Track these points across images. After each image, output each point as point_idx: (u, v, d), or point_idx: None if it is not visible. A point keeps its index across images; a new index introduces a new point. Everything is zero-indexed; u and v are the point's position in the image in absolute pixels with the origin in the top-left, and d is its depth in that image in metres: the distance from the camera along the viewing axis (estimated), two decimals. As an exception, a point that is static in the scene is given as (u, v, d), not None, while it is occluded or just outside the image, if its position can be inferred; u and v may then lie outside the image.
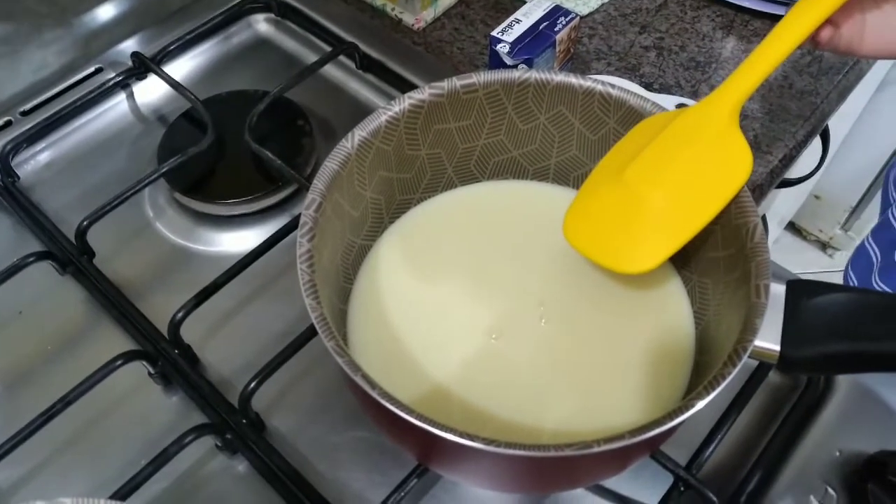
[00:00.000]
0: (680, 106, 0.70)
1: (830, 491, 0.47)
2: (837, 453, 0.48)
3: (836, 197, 1.44)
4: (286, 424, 0.52)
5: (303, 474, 0.49)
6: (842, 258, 1.51)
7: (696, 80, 0.76)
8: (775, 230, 1.43)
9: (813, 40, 0.44)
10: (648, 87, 0.75)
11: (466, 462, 0.40)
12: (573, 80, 0.48)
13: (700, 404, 0.35)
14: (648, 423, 0.35)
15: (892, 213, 0.79)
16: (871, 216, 1.44)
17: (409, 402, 0.45)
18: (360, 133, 0.46)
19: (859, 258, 0.84)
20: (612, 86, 0.48)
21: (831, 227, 1.51)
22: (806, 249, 1.57)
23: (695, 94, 0.74)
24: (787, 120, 0.73)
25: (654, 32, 0.80)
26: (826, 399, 0.50)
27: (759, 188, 0.69)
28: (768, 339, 0.39)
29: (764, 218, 1.03)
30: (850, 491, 0.46)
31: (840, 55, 0.49)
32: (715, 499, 0.45)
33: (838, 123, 1.05)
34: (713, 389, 0.36)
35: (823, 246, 1.56)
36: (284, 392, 0.54)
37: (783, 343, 0.39)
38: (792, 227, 1.57)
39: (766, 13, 0.80)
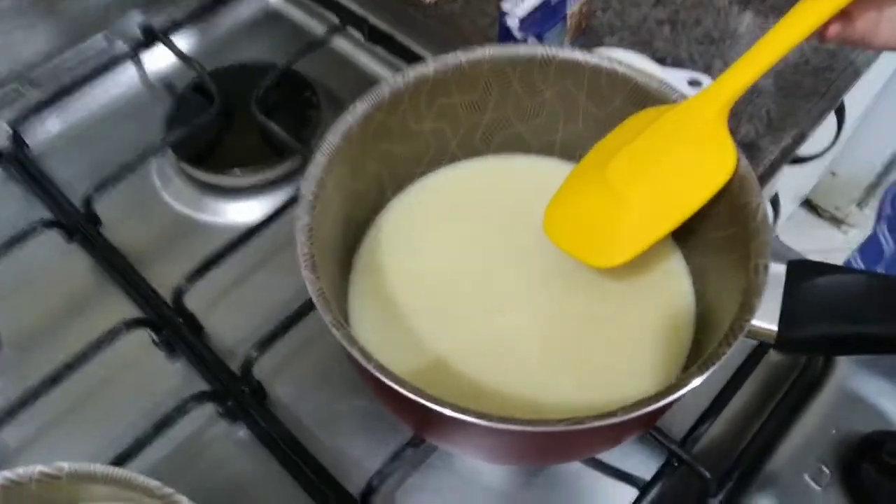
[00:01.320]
0: (692, 82, 0.69)
1: (825, 469, 0.47)
2: (833, 432, 0.48)
3: (853, 174, 1.42)
4: (287, 393, 0.53)
5: (302, 442, 0.50)
6: (857, 235, 1.49)
7: (709, 54, 0.75)
8: (789, 206, 1.42)
9: (820, 35, 0.43)
10: (661, 61, 0.74)
11: (461, 435, 0.40)
12: (579, 56, 0.48)
13: (693, 383, 0.35)
14: (640, 400, 0.35)
15: (881, 229, 0.79)
16: (888, 196, 1.42)
17: (407, 375, 0.45)
18: (362, 106, 0.46)
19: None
20: (619, 63, 0.47)
21: (847, 205, 1.50)
22: (821, 226, 1.55)
23: (708, 69, 0.73)
24: (801, 96, 0.71)
25: (668, 5, 0.79)
26: (824, 379, 0.50)
27: (771, 165, 0.69)
28: (766, 319, 0.39)
29: (776, 196, 1.02)
30: (845, 470, 0.47)
31: (850, 46, 0.47)
32: (707, 475, 0.45)
33: (856, 100, 1.03)
34: (707, 369, 0.36)
35: (839, 223, 1.55)
36: (287, 361, 0.54)
37: (781, 323, 0.39)
38: (807, 203, 1.55)
39: (783, -13, 0.79)
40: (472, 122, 0.52)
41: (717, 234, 0.45)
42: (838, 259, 1.03)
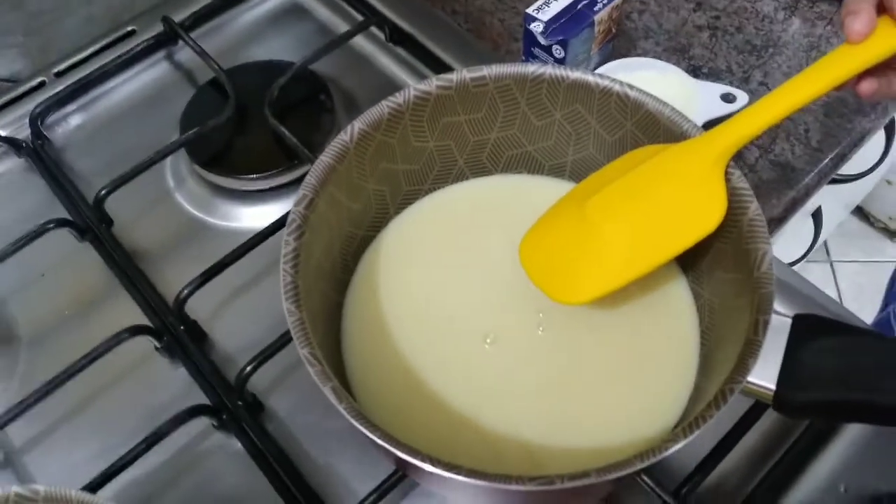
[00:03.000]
0: (725, 96, 0.66)
1: (831, 529, 0.45)
2: (842, 489, 0.46)
3: (911, 183, 1.35)
4: (284, 406, 0.53)
5: (293, 460, 0.49)
6: (910, 248, 1.42)
7: (749, 65, 0.71)
8: (841, 213, 1.35)
9: (855, 91, 0.40)
10: (697, 70, 0.71)
11: (439, 481, 0.39)
12: (590, 78, 0.45)
13: (674, 447, 0.34)
14: (616, 462, 0.34)
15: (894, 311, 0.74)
16: (947, 206, 1.35)
17: (393, 401, 0.45)
18: (359, 125, 0.45)
19: None
20: (631, 87, 0.45)
21: (901, 216, 1.43)
22: (871, 236, 1.48)
23: (746, 81, 0.70)
24: (844, 115, 0.67)
25: (709, 10, 0.75)
26: (834, 429, 0.47)
27: (805, 190, 0.65)
28: (765, 377, 0.36)
29: (818, 210, 0.97)
30: (853, 531, 0.44)
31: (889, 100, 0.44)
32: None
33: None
34: (691, 432, 0.34)
35: (891, 234, 1.47)
36: (287, 372, 0.54)
37: (780, 383, 0.36)
38: (860, 211, 1.48)
39: (834, -6, 0.74)
40: (479, 141, 0.50)
41: (724, 276, 0.43)
42: (886, 271, 0.98)
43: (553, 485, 0.33)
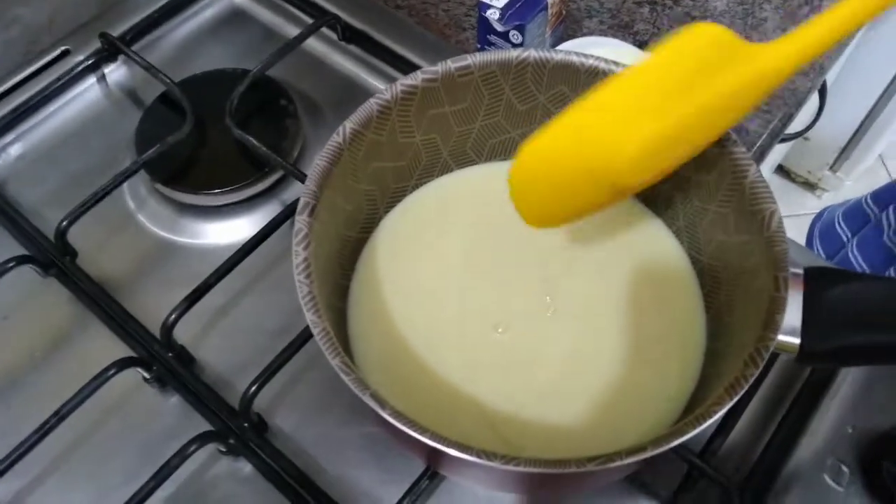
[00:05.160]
0: (677, 67, 0.68)
1: (844, 469, 0.46)
2: (850, 430, 0.48)
3: (825, 138, 1.42)
4: (289, 422, 0.51)
5: (308, 475, 0.48)
6: (830, 199, 1.50)
7: (691, 36, 0.73)
8: (765, 173, 1.42)
9: None
10: (643, 46, 0.72)
11: (479, 470, 0.39)
12: (575, 58, 0.46)
13: (722, 410, 0.34)
14: (672, 431, 0.34)
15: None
16: (859, 157, 1.43)
17: (414, 403, 0.44)
18: (350, 125, 0.44)
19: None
20: (616, 63, 0.45)
21: (820, 169, 1.50)
22: (793, 191, 1.56)
23: (691, 52, 0.72)
24: (786, 76, 0.70)
25: (645, -15, 0.77)
26: (837, 373, 0.50)
27: (761, 150, 0.68)
28: (787, 332, 0.37)
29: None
30: (865, 468, 0.46)
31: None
32: (729, 485, 0.44)
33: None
34: (735, 393, 0.35)
35: (812, 187, 1.56)
36: (287, 388, 0.52)
37: (804, 335, 0.38)
38: (780, 168, 1.55)
39: (761, -39, 0.77)
40: (464, 131, 0.50)
41: (725, 239, 0.44)
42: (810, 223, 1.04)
43: (614, 462, 0.33)
